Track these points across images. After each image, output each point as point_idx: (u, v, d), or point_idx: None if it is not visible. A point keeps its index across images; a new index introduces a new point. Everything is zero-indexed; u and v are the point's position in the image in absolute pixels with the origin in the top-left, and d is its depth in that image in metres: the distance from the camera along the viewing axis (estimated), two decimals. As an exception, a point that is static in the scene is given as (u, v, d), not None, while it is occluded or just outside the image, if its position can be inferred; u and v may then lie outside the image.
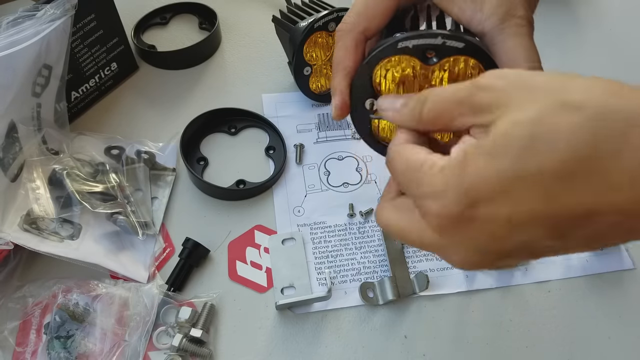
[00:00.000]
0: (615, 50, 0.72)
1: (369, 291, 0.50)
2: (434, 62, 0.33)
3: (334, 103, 0.36)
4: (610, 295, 0.50)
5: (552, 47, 0.72)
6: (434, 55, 0.33)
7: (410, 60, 0.34)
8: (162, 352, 0.46)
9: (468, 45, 0.32)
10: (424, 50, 0.33)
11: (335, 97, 0.35)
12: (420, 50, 0.33)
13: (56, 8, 0.49)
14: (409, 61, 0.34)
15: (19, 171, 0.50)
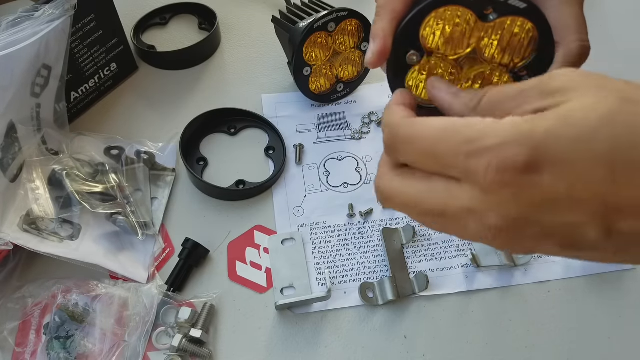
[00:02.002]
0: (615, 50, 0.72)
1: (368, 291, 0.50)
2: (490, 20, 0.31)
3: (373, 48, 0.32)
4: (610, 295, 0.50)
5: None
6: (491, 12, 0.31)
7: (466, 14, 0.31)
8: (162, 352, 0.46)
9: (530, 7, 0.30)
10: (483, 4, 0.31)
11: (377, 41, 0.32)
12: (479, 4, 0.31)
13: (55, 8, 0.49)
14: (465, 15, 0.31)
15: (19, 171, 0.50)
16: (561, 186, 0.22)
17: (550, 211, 0.23)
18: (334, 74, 0.63)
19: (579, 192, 0.22)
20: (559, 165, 0.22)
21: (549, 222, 0.23)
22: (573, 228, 0.23)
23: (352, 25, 0.59)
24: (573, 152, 0.22)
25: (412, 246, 0.53)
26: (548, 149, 0.22)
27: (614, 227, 0.22)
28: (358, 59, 0.63)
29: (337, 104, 0.65)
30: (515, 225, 0.24)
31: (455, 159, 0.24)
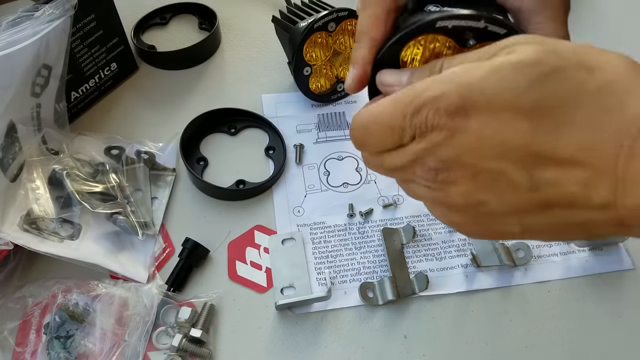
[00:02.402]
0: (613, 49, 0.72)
1: (368, 291, 0.50)
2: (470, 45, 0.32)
3: (353, 74, 0.33)
4: (610, 295, 0.50)
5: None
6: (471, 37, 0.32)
7: (446, 41, 0.32)
8: (162, 352, 0.46)
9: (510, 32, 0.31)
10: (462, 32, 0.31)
11: (356, 68, 0.33)
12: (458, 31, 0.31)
13: (55, 8, 0.49)
14: (444, 41, 0.32)
15: (19, 171, 0.50)
16: (486, 131, 0.24)
17: (478, 154, 0.25)
18: (334, 74, 0.63)
19: (503, 138, 0.24)
20: (486, 113, 0.24)
21: (477, 164, 0.25)
22: (499, 174, 0.25)
23: (352, 25, 0.59)
24: (499, 102, 0.24)
25: (412, 246, 0.53)
26: (477, 97, 0.24)
27: (539, 175, 0.24)
28: (358, 58, 0.63)
29: (337, 104, 0.65)
30: (448, 168, 0.26)
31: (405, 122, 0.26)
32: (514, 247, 0.52)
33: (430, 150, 0.26)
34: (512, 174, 0.24)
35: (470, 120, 0.24)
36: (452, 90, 0.24)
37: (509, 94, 0.24)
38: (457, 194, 0.27)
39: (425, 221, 0.55)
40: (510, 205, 0.25)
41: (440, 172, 0.26)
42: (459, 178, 0.26)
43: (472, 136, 0.24)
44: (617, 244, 0.53)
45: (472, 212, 0.27)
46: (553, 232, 0.26)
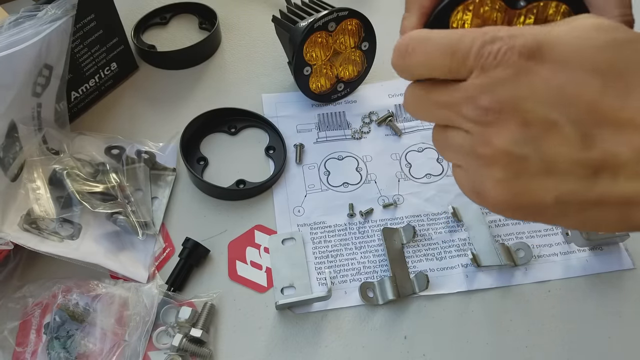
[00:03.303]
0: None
1: (368, 291, 0.50)
2: (521, 6, 0.31)
3: None
4: (610, 295, 0.50)
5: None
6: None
7: (495, 3, 0.31)
8: (162, 352, 0.46)
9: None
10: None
11: None
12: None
13: (57, 8, 0.49)
14: (493, 4, 0.31)
15: (19, 171, 0.50)
16: (556, 81, 0.24)
17: (539, 100, 0.24)
18: (334, 74, 0.63)
19: (570, 91, 0.23)
20: (560, 63, 0.24)
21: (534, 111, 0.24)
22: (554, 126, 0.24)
23: (353, 25, 0.59)
24: (576, 55, 0.24)
25: (412, 246, 0.53)
26: (554, 46, 0.24)
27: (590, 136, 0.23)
28: (358, 58, 0.63)
29: (337, 104, 0.65)
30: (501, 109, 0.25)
31: (472, 48, 0.25)
32: (514, 247, 0.52)
33: (489, 87, 0.25)
34: (570, 128, 0.24)
35: (544, 65, 0.24)
36: (531, 34, 0.24)
37: (587, 51, 0.24)
38: (502, 141, 0.25)
39: (425, 221, 0.55)
40: (553, 165, 0.24)
41: (492, 112, 0.25)
42: (509, 122, 0.25)
43: (540, 81, 0.24)
44: (617, 243, 0.53)
45: (508, 168, 0.25)
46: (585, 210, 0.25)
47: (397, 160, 0.60)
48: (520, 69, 0.24)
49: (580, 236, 0.51)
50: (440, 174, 0.59)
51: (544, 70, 0.24)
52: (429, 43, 0.27)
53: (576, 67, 0.24)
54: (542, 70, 0.24)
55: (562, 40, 0.24)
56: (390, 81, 0.67)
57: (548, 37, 0.24)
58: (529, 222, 0.55)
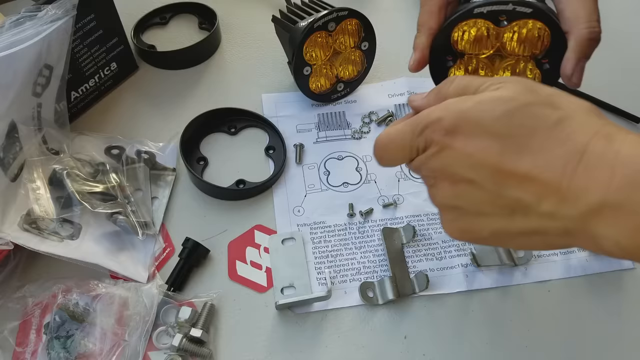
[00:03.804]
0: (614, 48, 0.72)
1: (368, 291, 0.50)
2: (504, 25, 0.41)
3: (414, 57, 0.45)
4: (610, 295, 0.50)
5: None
6: (505, 19, 0.41)
7: (484, 23, 0.42)
8: (162, 352, 0.46)
9: (535, 10, 0.40)
10: (496, 15, 0.41)
11: (416, 52, 0.45)
12: (493, 14, 0.40)
13: (57, 8, 0.49)
14: (483, 23, 0.42)
15: (19, 171, 0.50)
16: (467, 149, 0.31)
17: (459, 166, 0.31)
18: (334, 74, 0.63)
19: (478, 156, 0.30)
20: (468, 135, 0.31)
21: (457, 174, 0.32)
22: (473, 183, 0.31)
23: (352, 25, 0.59)
24: (479, 126, 0.30)
25: (412, 246, 0.53)
26: (464, 122, 0.31)
27: (502, 186, 0.30)
28: (358, 58, 0.63)
29: (337, 104, 0.65)
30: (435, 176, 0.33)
31: (413, 140, 0.34)
32: (514, 247, 0.52)
33: (425, 161, 0.33)
34: (483, 183, 0.30)
35: (457, 138, 0.31)
36: (448, 116, 0.32)
37: (486, 121, 0.30)
38: (441, 197, 0.33)
39: (425, 221, 0.55)
40: (480, 210, 0.31)
41: (430, 179, 0.34)
42: (442, 184, 0.33)
43: (455, 151, 0.31)
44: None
45: (451, 213, 0.33)
46: (514, 238, 0.32)
47: (397, 160, 0.60)
48: (442, 145, 0.32)
49: (580, 236, 0.51)
50: (440, 173, 0.59)
51: (458, 141, 0.31)
52: (388, 149, 0.36)
53: (479, 134, 0.30)
54: (457, 142, 0.31)
55: (470, 114, 0.31)
56: (390, 81, 0.67)
57: (460, 115, 0.31)
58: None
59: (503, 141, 0.30)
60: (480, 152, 0.30)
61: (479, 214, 0.32)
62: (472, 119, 0.31)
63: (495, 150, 0.30)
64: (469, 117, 0.31)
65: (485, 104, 0.31)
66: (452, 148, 0.31)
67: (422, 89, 0.66)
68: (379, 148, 0.37)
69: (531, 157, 0.29)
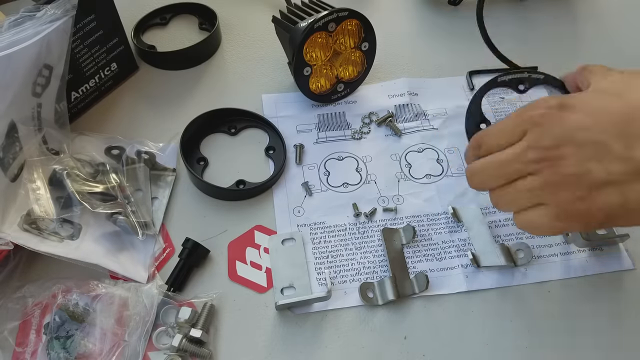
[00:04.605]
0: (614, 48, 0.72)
1: (368, 291, 0.50)
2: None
3: None
4: (610, 295, 0.50)
5: (551, 45, 0.72)
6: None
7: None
8: (162, 352, 0.46)
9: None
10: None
11: None
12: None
13: (57, 8, 0.49)
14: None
15: (19, 171, 0.50)
16: (591, 112, 0.34)
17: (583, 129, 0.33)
18: (334, 74, 0.63)
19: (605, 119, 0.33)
20: (587, 110, 0.34)
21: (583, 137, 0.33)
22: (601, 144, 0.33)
23: (353, 25, 0.59)
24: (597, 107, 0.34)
25: (412, 246, 0.53)
26: (579, 100, 0.34)
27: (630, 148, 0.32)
28: (358, 59, 0.63)
29: (337, 104, 0.65)
30: (559, 145, 0.33)
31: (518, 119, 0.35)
32: (514, 248, 0.52)
33: (545, 132, 0.34)
34: (612, 144, 0.32)
35: (573, 113, 0.33)
36: (553, 98, 0.34)
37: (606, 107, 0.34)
38: (569, 165, 0.33)
39: (425, 221, 0.55)
40: (610, 172, 0.32)
41: (553, 148, 0.33)
42: (568, 151, 0.33)
43: (578, 116, 0.33)
44: (617, 244, 0.53)
45: (579, 184, 0.33)
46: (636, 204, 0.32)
47: (397, 160, 0.60)
48: (562, 115, 0.33)
49: (580, 237, 0.51)
50: (440, 174, 0.59)
51: (575, 111, 0.33)
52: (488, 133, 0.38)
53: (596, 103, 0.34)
54: (575, 112, 0.33)
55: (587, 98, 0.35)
56: (390, 81, 0.67)
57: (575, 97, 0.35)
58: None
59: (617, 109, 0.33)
60: (600, 114, 0.32)
61: (610, 178, 0.32)
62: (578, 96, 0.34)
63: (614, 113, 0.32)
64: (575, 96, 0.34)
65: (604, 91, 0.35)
66: (574, 113, 0.33)
67: (422, 90, 0.67)
68: (479, 134, 0.38)
69: None
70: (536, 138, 0.34)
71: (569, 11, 0.78)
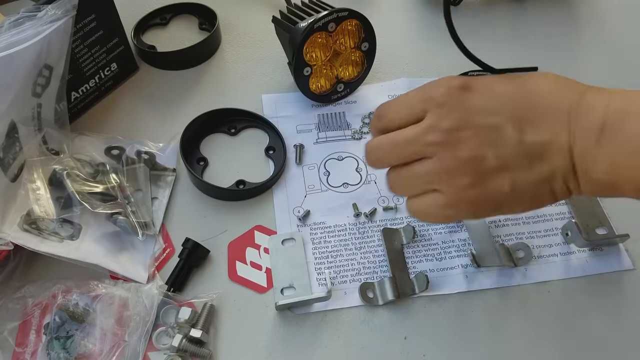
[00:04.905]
0: (614, 49, 0.72)
1: (368, 291, 0.50)
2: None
3: None
4: (610, 295, 0.50)
5: (551, 46, 0.72)
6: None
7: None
8: (162, 352, 0.46)
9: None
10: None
11: None
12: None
13: (57, 8, 0.49)
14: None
15: (19, 171, 0.50)
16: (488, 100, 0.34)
17: (481, 113, 0.33)
18: (334, 74, 0.63)
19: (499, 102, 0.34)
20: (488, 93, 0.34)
21: (478, 122, 0.33)
22: (496, 128, 0.33)
23: (353, 26, 0.59)
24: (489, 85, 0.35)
25: (412, 246, 0.53)
26: (481, 83, 0.34)
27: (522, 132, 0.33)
28: (358, 59, 0.63)
29: (337, 104, 0.65)
30: (458, 127, 0.33)
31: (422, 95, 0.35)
32: (514, 248, 0.52)
33: (445, 114, 0.33)
34: (506, 128, 0.33)
35: (473, 90, 0.34)
36: (456, 78, 0.34)
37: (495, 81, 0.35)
38: (466, 149, 0.33)
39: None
40: (502, 157, 0.33)
41: (452, 132, 0.33)
42: (466, 135, 0.33)
43: (479, 98, 0.33)
44: (617, 244, 0.53)
45: (473, 170, 0.33)
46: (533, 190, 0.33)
47: (397, 160, 0.60)
48: (463, 97, 0.34)
49: (580, 237, 0.51)
50: (440, 174, 0.59)
51: (476, 93, 0.34)
52: (391, 106, 0.37)
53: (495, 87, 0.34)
54: (475, 93, 0.34)
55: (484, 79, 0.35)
56: (390, 81, 0.67)
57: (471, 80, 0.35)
58: (528, 222, 0.55)
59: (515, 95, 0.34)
60: (499, 97, 0.33)
61: (502, 164, 0.33)
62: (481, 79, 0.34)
63: (512, 98, 0.33)
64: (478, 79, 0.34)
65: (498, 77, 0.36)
66: (472, 98, 0.33)
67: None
68: (382, 106, 0.37)
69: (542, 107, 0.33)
70: (436, 119, 0.34)
71: (569, 11, 0.78)
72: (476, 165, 0.33)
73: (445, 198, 0.34)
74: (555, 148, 0.32)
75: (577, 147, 0.32)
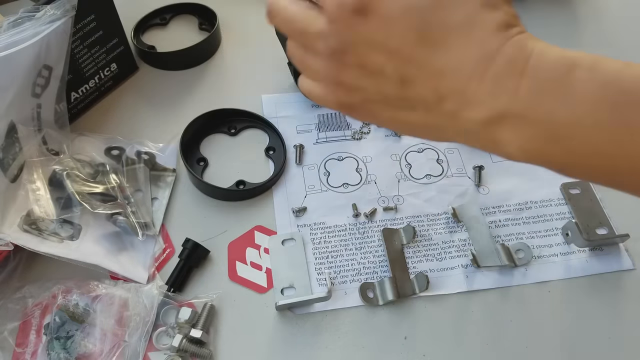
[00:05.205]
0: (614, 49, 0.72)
1: (369, 291, 0.50)
2: None
3: None
4: (610, 295, 0.50)
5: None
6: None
7: None
8: (162, 352, 0.46)
9: None
10: None
11: None
12: None
13: (56, 9, 0.49)
14: None
15: (19, 172, 0.50)
16: (380, 33, 0.29)
17: (369, 47, 0.29)
18: (334, 75, 0.63)
19: (392, 43, 0.29)
20: (383, 19, 0.29)
21: (365, 55, 0.30)
22: (380, 66, 0.30)
23: (352, 26, 0.59)
24: (397, 13, 0.28)
25: (412, 246, 0.53)
26: (378, 4, 0.28)
27: (410, 87, 0.29)
28: (358, 59, 0.63)
29: (337, 104, 0.65)
30: (344, 49, 0.30)
31: None
32: (514, 248, 0.52)
33: (332, 33, 0.30)
34: (392, 76, 0.30)
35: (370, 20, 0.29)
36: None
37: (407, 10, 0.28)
38: (347, 76, 0.31)
39: (425, 221, 0.55)
40: (382, 95, 0.31)
41: (338, 53, 0.31)
42: (351, 63, 0.31)
43: (368, 31, 0.29)
44: (617, 244, 0.53)
45: (354, 95, 0.32)
46: (412, 128, 0.32)
47: (397, 160, 0.60)
48: (354, 22, 0.29)
49: (580, 237, 0.51)
50: (440, 174, 0.59)
51: (371, 23, 0.29)
52: None
53: (398, 22, 0.28)
54: (370, 24, 0.29)
55: None
56: (390, 82, 0.67)
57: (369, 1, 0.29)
58: (528, 223, 0.55)
59: (420, 33, 0.28)
60: (395, 37, 0.29)
61: (381, 99, 0.31)
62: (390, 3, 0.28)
63: (411, 40, 0.28)
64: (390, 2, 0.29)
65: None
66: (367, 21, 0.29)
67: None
68: None
69: (445, 55, 0.28)
70: (326, 33, 0.30)
71: (569, 11, 0.78)
72: (355, 93, 0.32)
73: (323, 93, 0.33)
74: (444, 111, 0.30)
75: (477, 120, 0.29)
